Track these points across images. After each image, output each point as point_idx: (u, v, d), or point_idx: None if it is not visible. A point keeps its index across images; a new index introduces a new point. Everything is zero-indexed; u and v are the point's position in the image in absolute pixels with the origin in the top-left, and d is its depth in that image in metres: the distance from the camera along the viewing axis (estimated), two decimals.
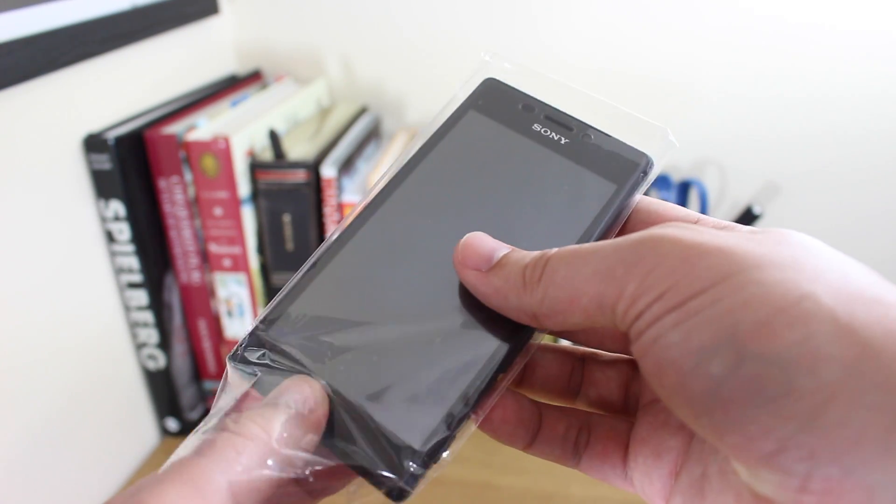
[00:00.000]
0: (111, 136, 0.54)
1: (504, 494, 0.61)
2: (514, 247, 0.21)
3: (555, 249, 0.20)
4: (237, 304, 0.65)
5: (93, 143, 0.54)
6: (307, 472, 0.19)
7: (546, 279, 0.19)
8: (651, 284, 0.17)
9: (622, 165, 0.24)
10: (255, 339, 0.22)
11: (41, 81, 0.50)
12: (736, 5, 0.66)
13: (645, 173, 0.24)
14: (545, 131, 0.25)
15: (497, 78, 0.27)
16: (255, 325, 0.23)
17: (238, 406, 0.21)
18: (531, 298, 0.19)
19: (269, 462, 0.18)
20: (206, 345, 0.67)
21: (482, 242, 0.21)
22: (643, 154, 0.24)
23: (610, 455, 0.23)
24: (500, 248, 0.21)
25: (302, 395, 0.20)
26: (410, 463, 0.19)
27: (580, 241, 0.22)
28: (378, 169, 0.65)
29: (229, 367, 0.22)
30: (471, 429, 0.21)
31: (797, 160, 0.72)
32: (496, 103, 0.26)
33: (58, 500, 0.55)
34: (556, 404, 0.24)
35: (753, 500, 0.16)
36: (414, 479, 0.19)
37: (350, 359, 0.21)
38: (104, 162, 0.55)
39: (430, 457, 0.20)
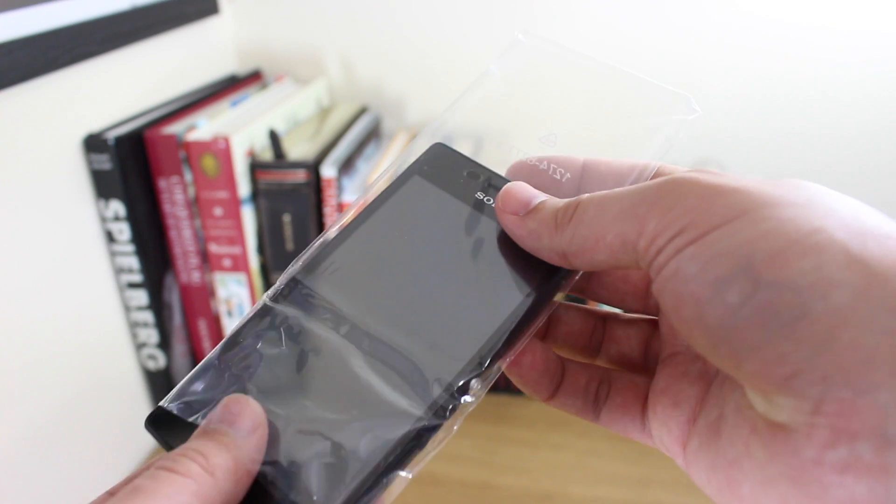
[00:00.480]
0: (111, 136, 0.54)
1: (504, 494, 0.61)
2: (548, 197, 0.22)
3: (587, 194, 0.21)
4: (237, 304, 0.65)
5: (93, 143, 0.54)
6: None
7: (576, 219, 0.20)
8: (671, 221, 0.18)
9: None
10: (169, 408, 0.22)
11: (41, 81, 0.50)
12: (736, 7, 0.66)
13: None
14: (487, 199, 0.25)
15: (444, 144, 0.27)
16: (162, 403, 0.22)
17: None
18: (561, 238, 0.21)
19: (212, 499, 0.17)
20: (206, 345, 0.67)
21: (522, 190, 0.23)
22: None
23: (629, 407, 0.23)
24: (538, 196, 0.22)
25: (240, 415, 0.19)
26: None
27: (514, 314, 0.22)
28: (378, 169, 0.65)
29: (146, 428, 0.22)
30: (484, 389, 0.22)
31: (797, 160, 0.72)
32: (441, 169, 0.26)
33: (57, 499, 0.55)
34: (578, 360, 0.25)
35: (768, 429, 0.17)
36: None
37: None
38: (104, 162, 0.55)
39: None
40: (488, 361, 0.22)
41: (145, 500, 0.17)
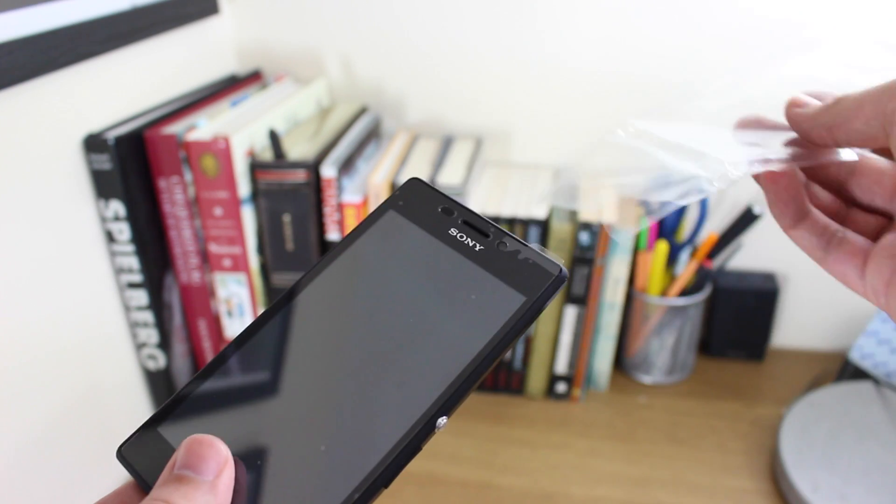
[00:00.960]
0: (111, 136, 0.54)
1: (504, 494, 0.61)
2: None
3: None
4: (237, 304, 0.65)
5: (93, 143, 0.54)
6: None
7: (840, 102, 0.25)
8: None
9: (534, 276, 0.23)
10: (141, 437, 0.22)
11: (41, 81, 0.50)
12: (737, 8, 0.66)
13: (557, 285, 0.23)
14: (461, 236, 0.25)
15: (421, 178, 0.27)
16: (146, 422, 0.23)
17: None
18: (827, 115, 0.25)
19: None
20: (206, 345, 0.67)
21: (807, 94, 0.28)
22: (557, 265, 0.24)
23: (855, 256, 0.26)
24: (809, 103, 0.28)
25: (203, 459, 0.19)
26: None
27: (478, 357, 0.22)
28: (378, 169, 0.65)
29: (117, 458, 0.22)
30: None
31: None
32: (416, 205, 0.26)
33: (57, 499, 0.55)
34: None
35: None
36: None
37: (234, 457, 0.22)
38: (104, 162, 0.55)
39: None
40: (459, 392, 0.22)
41: None
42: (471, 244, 0.25)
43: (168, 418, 0.23)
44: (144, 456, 0.22)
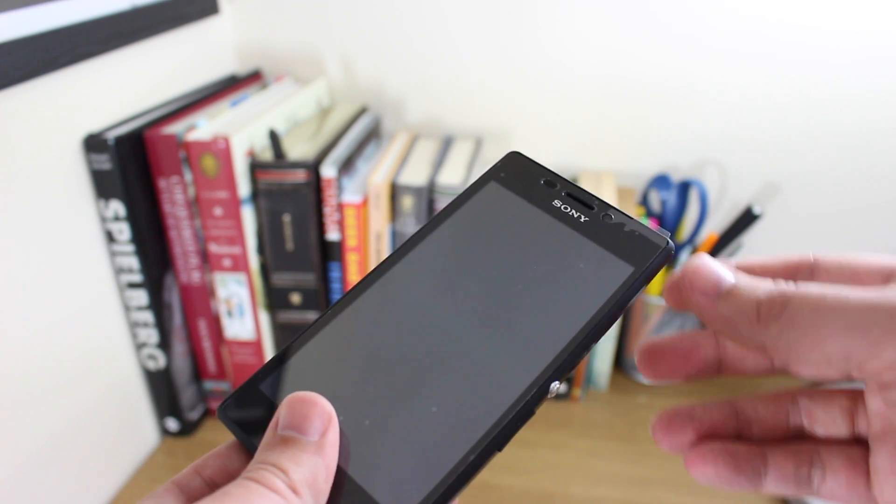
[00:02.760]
0: (111, 136, 0.54)
1: (504, 494, 0.61)
2: (737, 276, 0.22)
3: (793, 288, 0.20)
4: (237, 304, 0.65)
5: (93, 143, 0.54)
6: None
7: (786, 319, 0.19)
8: None
9: (642, 247, 0.24)
10: (243, 395, 0.22)
11: (41, 81, 0.50)
12: (735, 11, 0.66)
13: (665, 256, 0.23)
14: (565, 208, 0.25)
15: (521, 152, 0.27)
16: (249, 380, 0.23)
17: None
18: (765, 335, 0.20)
19: None
20: (206, 345, 0.67)
21: (709, 268, 0.22)
22: (664, 237, 0.24)
23: (854, 485, 0.22)
24: (727, 276, 0.22)
25: (307, 418, 0.19)
26: None
27: (590, 324, 0.22)
28: (378, 169, 0.65)
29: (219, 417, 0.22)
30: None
31: (797, 160, 0.72)
32: (518, 176, 0.26)
33: (58, 499, 0.55)
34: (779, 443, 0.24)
35: None
36: None
37: (341, 419, 0.21)
38: (104, 162, 0.55)
39: None
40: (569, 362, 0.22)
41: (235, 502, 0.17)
42: (576, 216, 0.25)
43: (270, 376, 0.22)
44: (247, 414, 0.22)
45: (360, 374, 0.22)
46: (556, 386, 0.22)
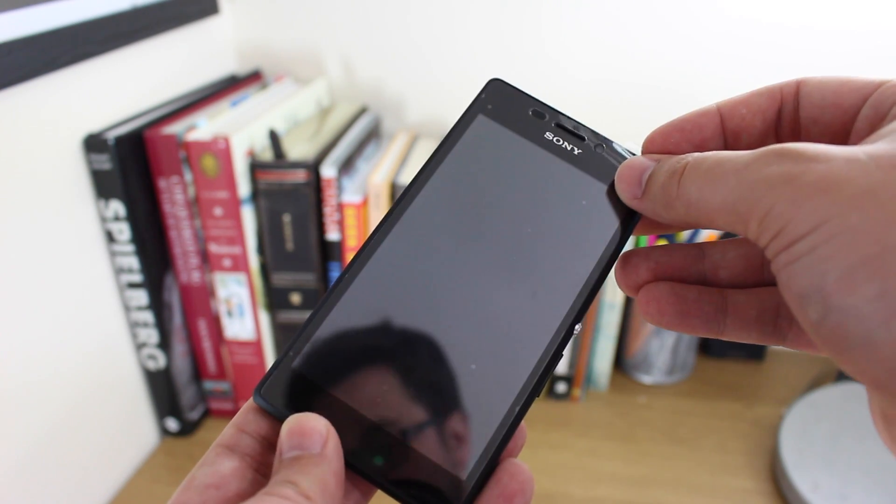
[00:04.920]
0: (111, 136, 0.54)
1: None
2: (663, 156, 0.22)
3: (690, 157, 0.21)
4: (237, 304, 0.65)
5: (93, 143, 0.54)
6: None
7: (682, 197, 0.20)
8: (767, 225, 0.18)
9: None
10: (282, 373, 0.22)
11: (41, 81, 0.50)
12: (733, 13, 0.66)
13: None
14: (558, 140, 0.25)
15: (503, 79, 0.26)
16: (281, 357, 0.22)
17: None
18: (676, 214, 0.21)
19: None
20: (206, 345, 0.67)
21: (629, 168, 0.23)
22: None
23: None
24: (647, 168, 0.22)
25: (305, 436, 0.19)
26: (460, 497, 0.20)
27: (601, 261, 0.23)
28: (378, 169, 0.65)
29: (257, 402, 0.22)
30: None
31: None
32: (505, 108, 0.25)
33: (58, 499, 0.55)
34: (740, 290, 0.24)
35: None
36: None
37: (384, 389, 0.21)
38: (104, 162, 0.55)
39: (478, 488, 0.20)
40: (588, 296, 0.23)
41: None
42: (569, 148, 0.24)
43: (301, 354, 0.22)
44: (284, 394, 0.21)
45: (392, 341, 0.22)
46: (579, 327, 0.22)
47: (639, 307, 0.24)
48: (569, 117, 0.25)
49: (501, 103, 0.25)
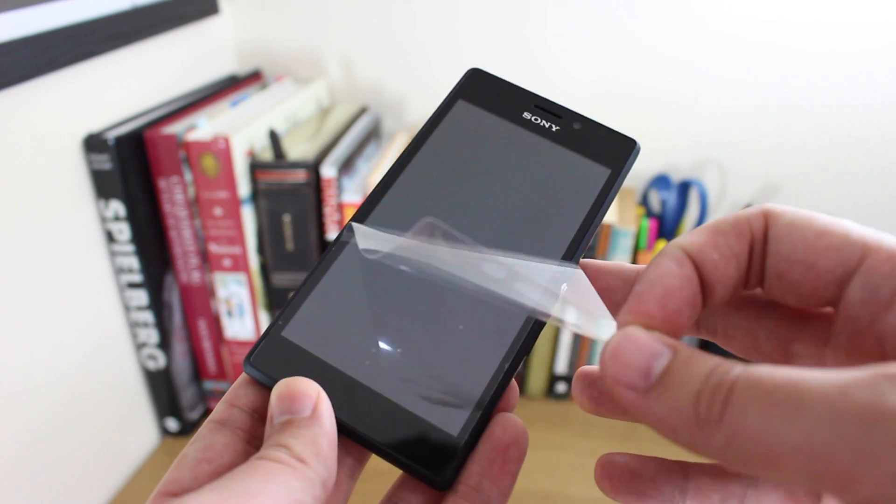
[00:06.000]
0: (111, 136, 0.54)
1: None
2: (679, 344, 0.16)
3: (737, 371, 0.14)
4: (237, 304, 0.65)
5: (93, 143, 0.54)
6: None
7: (731, 422, 0.14)
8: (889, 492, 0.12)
9: (613, 149, 0.25)
10: (272, 341, 0.22)
11: (41, 81, 0.50)
12: (735, 12, 0.66)
13: (635, 155, 0.25)
14: (536, 119, 0.26)
15: (481, 68, 0.27)
16: (271, 325, 0.23)
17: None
18: (709, 441, 0.14)
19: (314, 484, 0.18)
20: (206, 345, 0.67)
21: (636, 349, 0.16)
22: (631, 138, 0.25)
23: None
24: (660, 356, 0.16)
25: (295, 400, 0.19)
26: (453, 454, 0.20)
27: (582, 230, 0.24)
28: (378, 169, 0.65)
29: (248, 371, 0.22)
30: None
31: (796, 161, 0.72)
32: (484, 93, 0.27)
33: (58, 499, 0.55)
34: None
35: None
36: (456, 470, 0.20)
37: (373, 352, 0.22)
38: (104, 162, 0.55)
39: (471, 444, 0.20)
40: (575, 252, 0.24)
41: (247, 479, 0.17)
42: (547, 126, 0.26)
43: (291, 321, 0.22)
44: (274, 362, 0.22)
45: (380, 306, 0.23)
46: (566, 286, 0.23)
47: (594, 475, 0.23)
48: (545, 98, 0.26)
49: (480, 89, 0.27)
